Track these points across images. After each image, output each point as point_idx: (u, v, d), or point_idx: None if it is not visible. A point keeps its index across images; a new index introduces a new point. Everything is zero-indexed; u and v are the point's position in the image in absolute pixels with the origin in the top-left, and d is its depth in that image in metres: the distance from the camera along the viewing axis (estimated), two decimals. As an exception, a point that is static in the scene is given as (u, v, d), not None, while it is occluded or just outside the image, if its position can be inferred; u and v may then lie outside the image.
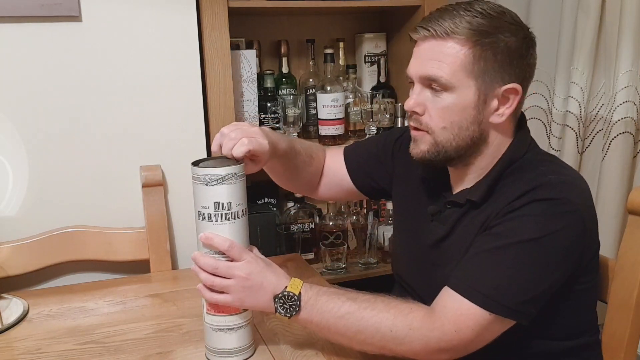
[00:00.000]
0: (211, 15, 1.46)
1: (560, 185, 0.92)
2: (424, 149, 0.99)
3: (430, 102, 0.97)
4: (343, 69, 1.80)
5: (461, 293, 0.89)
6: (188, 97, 1.46)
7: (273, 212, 1.71)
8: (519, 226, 0.90)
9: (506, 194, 0.94)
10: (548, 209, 0.90)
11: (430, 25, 0.95)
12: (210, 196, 0.90)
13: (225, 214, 0.91)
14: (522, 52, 0.96)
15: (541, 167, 0.97)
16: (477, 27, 0.93)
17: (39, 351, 1.03)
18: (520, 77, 0.96)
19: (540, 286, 0.90)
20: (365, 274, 1.73)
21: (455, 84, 0.94)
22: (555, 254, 0.90)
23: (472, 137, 0.97)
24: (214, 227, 0.91)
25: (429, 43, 0.96)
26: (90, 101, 1.38)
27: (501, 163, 0.99)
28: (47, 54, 1.33)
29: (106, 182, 1.42)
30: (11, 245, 1.33)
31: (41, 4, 1.29)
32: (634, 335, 1.03)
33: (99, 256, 1.39)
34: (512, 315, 0.88)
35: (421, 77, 0.97)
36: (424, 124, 0.98)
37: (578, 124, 1.85)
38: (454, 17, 0.93)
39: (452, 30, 0.93)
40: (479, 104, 0.95)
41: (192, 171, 0.92)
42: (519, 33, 0.95)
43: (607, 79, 1.86)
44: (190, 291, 1.25)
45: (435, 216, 1.06)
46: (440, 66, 0.94)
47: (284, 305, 0.92)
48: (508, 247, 0.90)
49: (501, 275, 0.89)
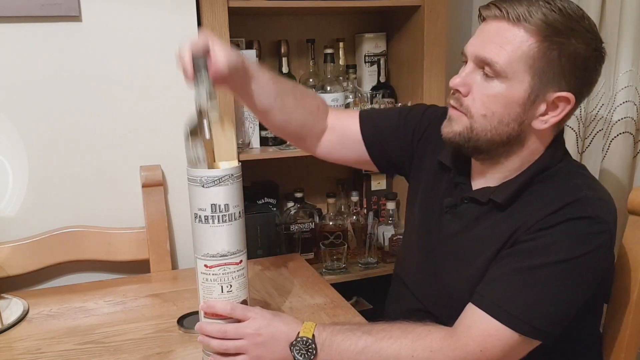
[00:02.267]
0: (211, 15, 1.46)
1: (596, 202, 0.89)
2: (457, 130, 0.94)
3: (477, 85, 0.91)
4: (343, 69, 1.80)
5: (489, 312, 0.87)
6: (188, 97, 1.45)
7: (273, 212, 1.70)
8: (553, 245, 0.87)
9: (537, 205, 0.91)
10: (584, 228, 0.87)
11: (504, 6, 0.89)
12: (207, 198, 0.89)
13: (223, 215, 0.90)
14: (589, 65, 0.90)
15: (575, 180, 0.93)
16: (552, 22, 0.86)
17: (39, 351, 1.04)
18: (577, 89, 0.91)
19: (572, 307, 0.88)
20: (365, 274, 1.72)
21: (509, 74, 0.88)
22: (587, 275, 0.88)
23: (509, 135, 0.92)
24: (212, 229, 0.90)
25: (497, 24, 0.90)
26: (90, 101, 1.38)
27: (533, 168, 0.95)
28: (47, 54, 1.33)
29: (106, 182, 1.42)
30: (11, 245, 1.33)
31: (41, 4, 1.29)
32: (634, 335, 1.03)
33: (99, 256, 1.39)
34: (540, 336, 0.87)
35: (477, 57, 0.91)
36: (464, 105, 0.93)
37: (578, 124, 1.85)
38: (531, 4, 0.87)
39: (525, 18, 0.87)
40: (527, 102, 0.90)
41: (188, 173, 0.91)
42: (591, 43, 0.89)
43: (607, 79, 1.86)
44: (190, 291, 1.25)
45: (450, 209, 1.02)
46: (500, 51, 0.88)
47: (301, 352, 0.90)
48: (541, 267, 0.86)
49: (533, 297, 0.86)
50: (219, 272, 0.93)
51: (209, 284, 0.93)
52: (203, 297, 0.95)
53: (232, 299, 0.94)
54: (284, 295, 1.25)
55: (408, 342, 0.88)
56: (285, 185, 1.86)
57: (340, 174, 1.94)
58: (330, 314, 1.15)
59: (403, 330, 0.90)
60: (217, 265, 0.93)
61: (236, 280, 0.94)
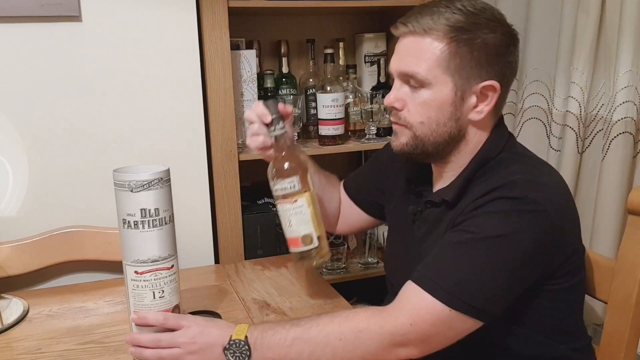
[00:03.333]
0: (211, 15, 1.46)
1: (526, 184, 0.91)
2: (403, 141, 1.01)
3: (409, 97, 0.98)
4: (343, 69, 1.80)
5: (422, 286, 0.88)
6: (188, 97, 1.46)
7: (273, 212, 1.70)
8: (483, 222, 0.90)
9: (474, 193, 0.94)
10: (512, 207, 0.89)
11: (410, 22, 0.96)
12: (136, 203, 0.88)
13: (153, 220, 0.89)
14: (501, 50, 0.95)
15: (512, 166, 0.96)
16: (455, 23, 0.93)
17: (39, 351, 1.04)
18: (499, 75, 0.96)
19: (503, 284, 0.89)
20: (365, 274, 1.73)
21: (431, 80, 0.94)
22: (518, 253, 0.88)
23: (450, 134, 0.98)
24: (141, 234, 0.89)
25: (408, 39, 0.97)
26: (90, 101, 1.38)
27: (474, 162, 0.99)
28: (47, 54, 1.33)
29: (106, 182, 1.41)
30: (11, 245, 1.33)
31: (41, 4, 1.29)
32: (634, 335, 1.03)
33: (99, 256, 1.39)
34: (473, 313, 0.87)
35: (400, 73, 0.98)
36: (402, 118, 0.99)
37: (578, 124, 1.85)
38: (433, 14, 0.94)
39: (430, 27, 0.93)
40: (456, 100, 0.96)
41: (114, 177, 0.89)
42: (497, 30, 0.95)
43: (607, 79, 1.86)
44: (190, 291, 1.25)
45: (416, 216, 1.07)
46: (417, 62, 0.94)
47: (235, 354, 0.90)
48: (471, 242, 0.89)
49: (462, 271, 0.88)
50: (151, 278, 0.92)
51: (140, 291, 0.93)
52: (134, 305, 0.94)
53: (164, 305, 0.94)
54: (284, 295, 1.25)
55: (335, 327, 0.90)
56: (285, 185, 1.86)
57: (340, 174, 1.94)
58: (330, 314, 1.15)
59: (331, 317, 0.92)
60: (149, 271, 0.92)
61: (168, 285, 0.94)
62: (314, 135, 1.76)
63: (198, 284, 1.33)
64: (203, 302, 1.21)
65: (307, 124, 1.78)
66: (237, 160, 1.53)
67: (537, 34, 1.89)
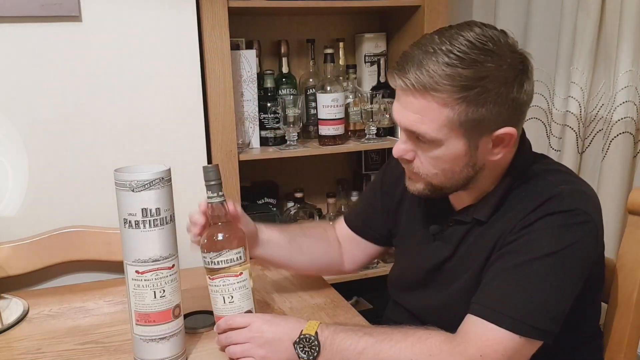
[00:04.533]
0: (211, 15, 1.46)
1: (573, 196, 0.90)
2: (419, 188, 0.97)
3: (419, 149, 0.93)
4: (343, 69, 1.80)
5: (484, 317, 0.86)
6: (188, 97, 1.46)
7: (273, 212, 1.71)
8: (536, 241, 0.87)
9: (517, 209, 0.92)
10: (563, 221, 0.87)
11: (407, 78, 0.87)
12: (137, 202, 0.88)
13: (154, 220, 0.89)
14: (514, 95, 0.87)
15: (550, 177, 0.94)
16: (460, 81, 0.84)
17: (39, 351, 1.03)
18: (514, 120, 0.90)
19: (564, 301, 0.88)
20: (365, 273, 1.73)
21: (442, 139, 0.88)
22: (575, 267, 0.88)
23: (468, 176, 0.94)
24: (142, 234, 0.89)
25: (408, 97, 0.89)
26: (90, 101, 1.38)
27: (508, 179, 0.96)
28: (47, 54, 1.33)
29: (106, 182, 1.41)
30: (11, 245, 1.33)
31: (41, 4, 1.29)
32: (634, 335, 1.03)
33: (99, 256, 1.39)
34: (540, 335, 0.86)
35: (405, 129, 0.92)
36: (415, 169, 0.95)
37: (578, 124, 1.85)
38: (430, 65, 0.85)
39: (432, 87, 0.85)
40: (471, 151, 0.90)
41: (115, 177, 0.89)
42: (509, 72, 0.86)
43: (607, 79, 1.86)
44: (190, 291, 1.25)
45: (437, 235, 1.04)
46: (423, 121, 0.88)
47: (305, 349, 0.91)
48: (527, 263, 0.87)
49: (524, 294, 0.86)
50: (152, 278, 0.92)
51: (141, 290, 0.92)
52: (135, 305, 0.94)
53: (165, 304, 0.94)
54: (284, 295, 1.25)
55: (408, 345, 0.88)
56: (285, 185, 1.86)
57: (340, 174, 1.95)
58: (330, 314, 1.15)
59: (404, 334, 0.90)
60: (150, 271, 0.92)
61: (169, 285, 0.94)
62: (314, 135, 1.77)
63: (198, 284, 1.33)
64: (203, 302, 1.21)
65: (307, 124, 1.78)
66: (237, 160, 1.53)
67: (537, 34, 1.89)
